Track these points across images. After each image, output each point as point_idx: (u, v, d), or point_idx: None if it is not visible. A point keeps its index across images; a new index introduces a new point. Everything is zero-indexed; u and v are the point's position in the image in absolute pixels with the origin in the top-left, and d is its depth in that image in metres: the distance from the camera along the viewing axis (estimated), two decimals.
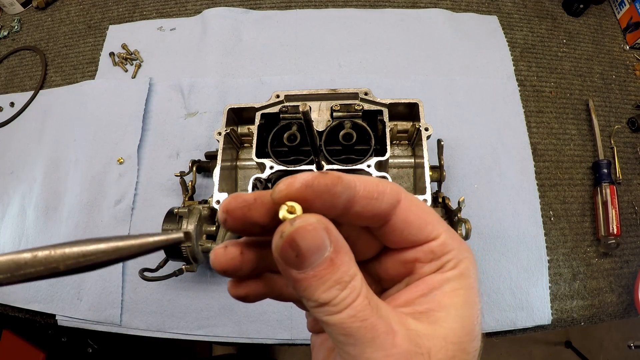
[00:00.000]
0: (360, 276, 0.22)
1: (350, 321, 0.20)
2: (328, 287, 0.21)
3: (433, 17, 0.96)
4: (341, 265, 0.21)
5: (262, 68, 0.92)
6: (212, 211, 0.66)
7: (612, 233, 0.73)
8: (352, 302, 0.21)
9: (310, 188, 0.22)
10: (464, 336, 0.23)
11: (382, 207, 0.24)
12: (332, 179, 0.22)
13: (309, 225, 0.21)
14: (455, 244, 0.25)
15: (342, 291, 0.21)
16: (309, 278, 0.21)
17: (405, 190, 0.26)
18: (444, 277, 0.25)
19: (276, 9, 0.99)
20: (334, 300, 0.21)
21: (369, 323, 0.21)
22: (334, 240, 0.21)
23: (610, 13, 0.98)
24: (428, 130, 0.63)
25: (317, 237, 0.21)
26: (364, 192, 0.23)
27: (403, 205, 0.25)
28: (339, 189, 0.22)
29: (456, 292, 0.24)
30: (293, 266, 0.21)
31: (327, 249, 0.21)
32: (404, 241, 0.26)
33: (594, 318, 0.72)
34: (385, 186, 0.24)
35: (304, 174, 0.22)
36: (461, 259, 0.25)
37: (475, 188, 0.78)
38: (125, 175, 0.82)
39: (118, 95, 0.90)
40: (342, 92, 0.65)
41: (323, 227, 0.21)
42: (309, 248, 0.20)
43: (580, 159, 0.82)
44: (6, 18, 1.06)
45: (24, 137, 0.90)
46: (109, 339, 1.09)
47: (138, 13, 1.01)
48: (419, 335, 0.22)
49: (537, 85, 0.88)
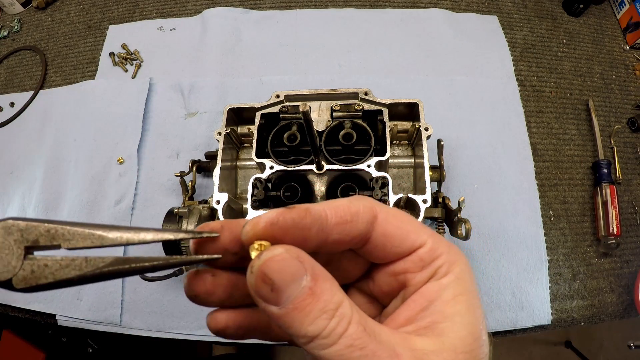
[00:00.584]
0: (349, 302, 0.21)
1: (349, 351, 0.19)
2: (314, 318, 0.19)
3: (433, 17, 0.96)
4: (323, 293, 0.20)
5: (262, 68, 0.92)
6: (212, 211, 0.66)
7: (612, 233, 0.73)
8: (344, 330, 0.19)
9: (276, 225, 0.21)
10: (473, 343, 0.22)
11: (360, 227, 0.23)
12: (299, 212, 0.22)
13: (277, 255, 0.20)
14: (444, 248, 0.24)
15: (331, 320, 0.19)
16: (291, 312, 0.19)
17: (380, 204, 0.25)
18: (441, 285, 0.24)
19: (276, 9, 0.99)
20: (324, 331, 0.19)
21: (369, 350, 0.19)
22: (309, 268, 0.20)
23: (610, 13, 0.98)
24: (428, 130, 0.63)
25: (288, 267, 0.20)
26: (336, 219, 0.23)
27: (380, 219, 0.24)
28: (307, 221, 0.22)
29: (457, 299, 0.23)
30: (271, 302, 0.20)
31: (304, 277, 0.20)
32: (389, 255, 0.25)
33: (594, 318, 0.72)
34: (357, 206, 0.24)
35: (269, 212, 0.22)
36: (454, 262, 0.24)
37: (475, 188, 0.78)
38: (125, 175, 0.82)
39: (118, 95, 0.90)
40: (342, 92, 0.65)
41: (294, 256, 0.20)
42: (282, 279, 0.19)
43: (580, 159, 0.82)
44: (6, 18, 1.06)
45: (24, 137, 0.90)
46: (109, 339, 1.09)
47: (138, 13, 1.01)
48: (427, 354, 0.21)
49: (537, 85, 0.88)
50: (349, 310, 0.20)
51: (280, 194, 0.60)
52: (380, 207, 0.25)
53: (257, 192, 0.58)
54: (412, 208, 0.60)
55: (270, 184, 0.61)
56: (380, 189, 0.57)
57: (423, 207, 0.57)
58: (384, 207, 0.25)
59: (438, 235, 0.25)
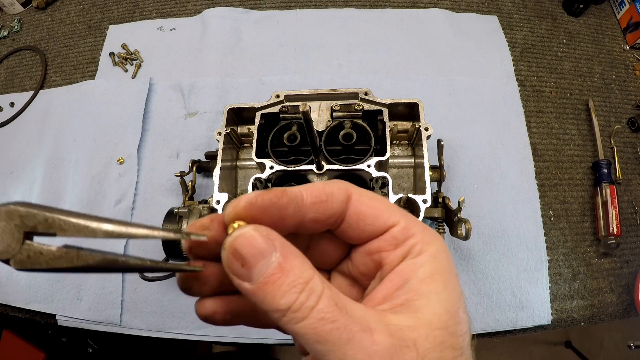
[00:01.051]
0: (319, 278, 0.21)
1: (321, 325, 0.20)
2: (284, 291, 0.20)
3: (433, 17, 0.96)
4: (292, 269, 0.21)
5: (262, 68, 0.92)
6: (212, 211, 0.66)
7: (612, 233, 0.73)
8: (314, 304, 0.20)
9: (255, 205, 0.23)
10: (449, 320, 0.23)
11: (334, 206, 0.25)
12: (276, 192, 0.23)
13: (246, 232, 0.21)
14: (418, 228, 0.25)
15: (301, 294, 0.20)
16: (262, 287, 0.21)
17: (354, 185, 0.26)
18: (416, 263, 0.24)
19: (276, 9, 0.99)
20: (295, 304, 0.20)
21: (341, 324, 0.20)
22: (278, 245, 0.21)
23: (610, 13, 0.98)
24: (428, 130, 0.63)
25: (256, 243, 0.21)
26: (312, 198, 0.24)
27: (354, 199, 0.25)
28: (284, 200, 0.23)
29: (433, 277, 0.24)
30: (244, 278, 0.21)
31: (273, 254, 0.21)
32: (363, 234, 0.26)
33: (594, 318, 0.72)
34: (332, 187, 0.25)
35: (249, 194, 0.23)
36: (428, 242, 0.25)
37: (475, 188, 0.78)
38: (125, 175, 0.82)
39: (118, 95, 0.90)
40: (342, 92, 0.65)
41: (263, 234, 0.21)
42: (252, 254, 0.21)
43: (580, 159, 0.82)
44: (6, 18, 1.06)
45: (24, 137, 0.90)
46: (109, 339, 1.09)
47: (138, 13, 1.01)
48: (402, 329, 0.21)
49: (537, 85, 0.88)
50: (319, 286, 0.21)
51: None
52: (354, 188, 0.26)
53: None
54: (412, 208, 0.60)
55: (270, 184, 0.61)
56: (380, 189, 0.57)
57: (423, 207, 0.57)
58: (357, 188, 0.26)
59: (412, 216, 0.26)
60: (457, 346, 0.22)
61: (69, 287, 0.75)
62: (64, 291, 0.75)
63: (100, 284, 0.74)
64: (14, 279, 0.77)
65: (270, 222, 0.23)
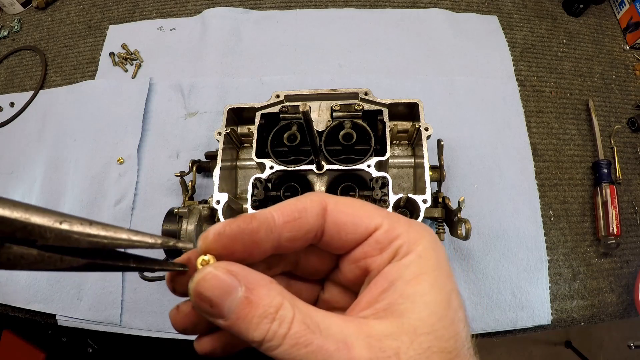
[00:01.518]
0: (289, 303, 0.21)
1: (296, 350, 0.20)
2: (256, 324, 0.20)
3: (433, 17, 0.96)
4: (260, 300, 0.21)
5: (262, 68, 0.92)
6: (212, 211, 0.66)
7: (612, 233, 0.73)
8: (287, 331, 0.20)
9: (223, 235, 0.22)
10: (436, 323, 0.21)
11: (310, 221, 0.24)
12: (244, 219, 0.23)
13: (207, 274, 0.21)
14: (402, 228, 0.24)
15: (272, 324, 0.20)
16: (235, 322, 0.21)
17: (330, 195, 0.25)
18: (401, 265, 0.23)
19: (276, 9, 0.99)
20: (268, 335, 0.20)
21: (315, 346, 0.20)
22: (242, 279, 0.21)
23: (610, 13, 0.98)
24: (428, 130, 0.63)
25: (218, 283, 0.21)
26: (284, 217, 0.24)
27: (330, 209, 0.25)
28: (253, 225, 0.23)
29: (418, 278, 0.23)
30: (216, 316, 0.21)
31: (238, 289, 0.21)
32: (346, 243, 0.25)
33: (594, 318, 0.72)
34: (304, 201, 0.24)
35: (217, 224, 0.23)
36: (415, 241, 0.24)
37: (475, 188, 0.78)
38: (125, 175, 0.82)
39: (118, 95, 0.90)
40: (342, 92, 0.65)
41: (224, 271, 0.21)
42: (216, 295, 0.21)
43: (580, 159, 0.82)
44: (6, 18, 1.06)
45: (24, 137, 0.90)
46: (109, 339, 1.09)
47: (138, 13, 1.01)
48: (383, 338, 0.21)
49: (537, 85, 0.88)
50: (289, 312, 0.21)
51: (280, 194, 0.60)
52: (330, 198, 0.25)
53: (257, 192, 0.58)
54: (412, 208, 0.60)
55: (270, 184, 0.61)
56: (380, 189, 0.57)
57: (423, 207, 0.57)
58: (333, 197, 0.25)
59: (396, 216, 0.25)
60: (447, 349, 0.21)
61: (69, 287, 0.75)
62: (64, 291, 0.75)
63: (100, 284, 0.74)
64: (14, 279, 0.77)
65: (243, 249, 0.23)
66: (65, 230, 0.20)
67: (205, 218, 0.65)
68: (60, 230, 0.20)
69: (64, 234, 0.20)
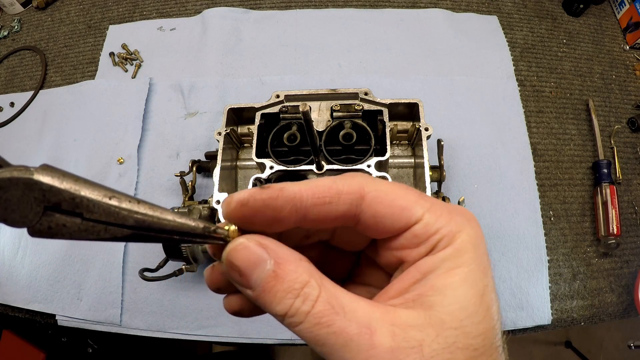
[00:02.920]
0: (317, 281, 0.21)
1: (317, 329, 0.20)
2: (280, 298, 0.21)
3: (433, 17, 0.96)
4: (287, 275, 0.21)
5: (262, 68, 0.92)
6: (212, 211, 0.66)
7: (612, 233, 0.73)
8: (310, 308, 0.20)
9: (246, 206, 0.22)
10: (465, 319, 0.21)
11: (342, 208, 0.23)
12: (271, 193, 0.22)
13: (238, 245, 0.22)
14: (443, 221, 0.23)
15: (296, 299, 0.20)
16: (261, 294, 0.21)
17: (371, 181, 0.24)
18: (436, 258, 0.22)
19: (276, 9, 0.99)
20: (291, 310, 0.20)
21: (337, 327, 0.20)
22: (272, 253, 0.21)
23: (610, 13, 0.98)
24: (428, 130, 0.63)
25: (249, 254, 0.21)
26: (313, 200, 0.23)
27: (369, 199, 0.23)
28: (279, 202, 0.22)
29: (452, 272, 0.22)
30: (245, 286, 0.22)
31: (267, 262, 0.21)
32: (383, 232, 0.24)
33: (594, 318, 0.72)
34: (342, 186, 0.23)
35: (242, 192, 0.22)
36: (454, 235, 0.22)
37: (475, 188, 0.78)
38: (125, 175, 0.82)
39: (118, 95, 0.90)
40: (342, 92, 0.65)
41: (255, 244, 0.22)
42: (246, 266, 0.21)
43: (580, 159, 0.82)
44: (6, 18, 1.06)
45: (24, 137, 0.90)
46: (109, 339, 1.09)
47: (138, 13, 1.01)
48: (408, 327, 0.20)
49: (537, 85, 0.88)
50: (315, 290, 0.21)
51: None
52: (371, 186, 0.23)
53: None
54: None
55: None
56: None
57: None
58: (375, 184, 0.24)
59: (438, 206, 0.23)
60: (472, 346, 0.21)
61: (69, 287, 0.75)
62: (64, 291, 0.75)
63: (100, 284, 0.74)
64: (14, 279, 0.77)
65: (264, 222, 0.23)
66: (114, 206, 0.20)
67: (205, 218, 0.65)
68: (109, 205, 0.20)
69: (112, 210, 0.20)
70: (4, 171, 0.18)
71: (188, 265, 0.63)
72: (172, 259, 0.64)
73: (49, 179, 0.18)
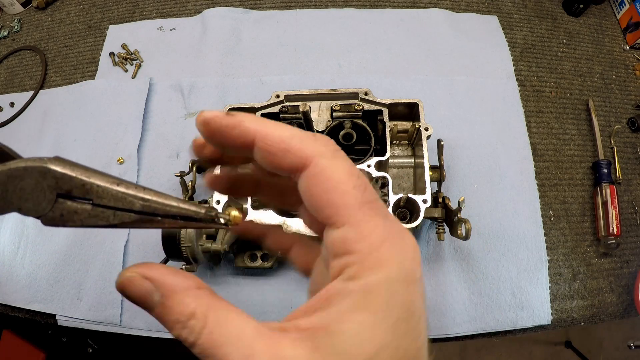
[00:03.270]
0: (202, 313, 0.21)
1: (203, 357, 0.20)
2: (170, 328, 0.21)
3: (433, 17, 0.96)
4: (173, 307, 0.21)
5: (262, 68, 0.92)
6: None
7: (612, 233, 0.73)
8: (195, 340, 0.20)
9: (208, 125, 0.24)
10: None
11: (284, 165, 0.22)
12: (230, 121, 0.23)
13: (124, 280, 0.22)
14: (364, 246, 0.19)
15: (183, 331, 0.21)
16: (159, 320, 0.21)
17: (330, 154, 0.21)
18: (345, 288, 0.19)
19: (276, 9, 0.99)
20: (181, 338, 0.21)
21: (219, 358, 0.20)
22: (160, 286, 0.21)
23: (610, 13, 0.98)
24: (428, 130, 0.63)
25: (136, 288, 0.22)
26: (262, 145, 0.22)
27: (310, 172, 0.21)
28: (235, 132, 0.23)
29: (354, 315, 0.19)
30: (142, 308, 0.22)
31: (154, 295, 0.21)
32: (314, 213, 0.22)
33: (594, 318, 0.72)
34: (294, 144, 0.21)
35: (211, 111, 0.24)
36: (371, 267, 0.19)
37: (475, 188, 0.78)
38: (125, 175, 0.82)
39: (118, 95, 0.90)
40: (342, 92, 0.65)
41: (140, 278, 0.22)
42: (135, 297, 0.22)
43: (580, 159, 0.82)
44: (6, 18, 1.06)
45: (24, 137, 0.90)
46: (109, 339, 1.09)
47: (138, 13, 1.01)
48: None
49: (537, 85, 0.88)
50: (199, 323, 0.20)
51: None
52: (317, 160, 0.21)
53: None
54: (412, 208, 0.60)
55: None
56: (380, 189, 0.57)
57: (423, 207, 0.57)
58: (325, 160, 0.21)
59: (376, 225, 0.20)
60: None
61: (69, 287, 0.75)
62: (64, 291, 0.75)
63: (100, 284, 0.74)
64: (14, 279, 0.77)
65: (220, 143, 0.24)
66: (122, 192, 0.21)
67: None
68: (117, 191, 0.21)
69: (120, 195, 0.21)
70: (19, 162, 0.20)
71: (188, 265, 0.63)
72: (172, 259, 0.64)
73: (61, 168, 0.20)
